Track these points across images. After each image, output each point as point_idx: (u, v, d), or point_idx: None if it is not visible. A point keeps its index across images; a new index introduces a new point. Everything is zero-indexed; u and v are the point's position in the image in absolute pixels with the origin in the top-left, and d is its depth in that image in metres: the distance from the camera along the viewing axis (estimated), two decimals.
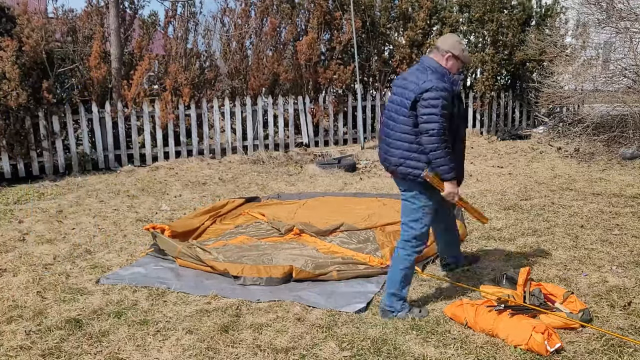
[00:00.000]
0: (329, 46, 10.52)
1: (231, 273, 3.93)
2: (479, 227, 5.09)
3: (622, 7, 8.52)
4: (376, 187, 7.18)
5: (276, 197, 6.45)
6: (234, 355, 2.93)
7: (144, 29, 9.65)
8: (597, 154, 8.59)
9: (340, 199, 6.32)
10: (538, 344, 2.79)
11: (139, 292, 3.78)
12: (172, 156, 9.14)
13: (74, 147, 8.49)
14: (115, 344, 3.06)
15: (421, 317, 3.25)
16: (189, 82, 9.18)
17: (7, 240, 5.03)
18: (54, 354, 2.98)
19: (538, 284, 3.39)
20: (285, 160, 9.08)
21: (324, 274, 3.93)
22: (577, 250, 4.42)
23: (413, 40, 10.65)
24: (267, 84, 10.04)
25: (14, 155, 7.92)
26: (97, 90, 8.72)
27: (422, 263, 4.16)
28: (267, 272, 3.90)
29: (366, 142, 10.43)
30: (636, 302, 3.42)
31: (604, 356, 2.82)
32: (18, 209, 6.20)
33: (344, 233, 4.94)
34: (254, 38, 10.18)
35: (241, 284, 3.85)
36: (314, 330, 3.16)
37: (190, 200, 6.57)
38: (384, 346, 2.97)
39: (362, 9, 10.52)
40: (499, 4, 10.96)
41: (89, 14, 9.27)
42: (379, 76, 11.07)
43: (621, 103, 8.90)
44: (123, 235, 5.17)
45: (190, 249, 4.29)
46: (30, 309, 3.54)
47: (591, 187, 6.63)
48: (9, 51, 7.44)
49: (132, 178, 7.88)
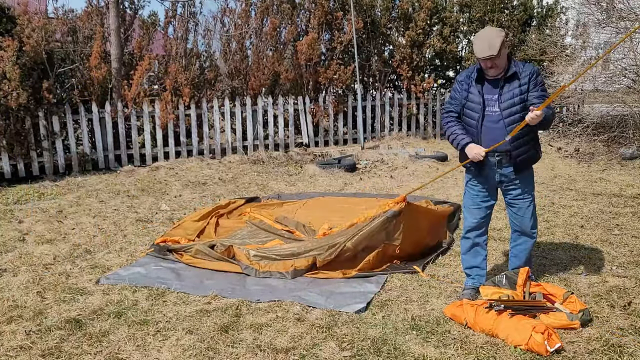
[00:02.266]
0: (329, 46, 10.52)
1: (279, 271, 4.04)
2: None
3: (622, 7, 8.52)
4: (376, 187, 7.18)
5: (276, 197, 6.46)
6: (234, 355, 2.93)
7: (144, 29, 9.65)
8: (597, 154, 8.59)
9: (340, 199, 6.32)
10: (538, 344, 2.79)
11: (139, 292, 3.78)
12: (172, 156, 9.14)
13: (74, 147, 8.49)
14: (115, 344, 3.06)
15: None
16: (189, 82, 9.18)
17: (7, 240, 5.03)
18: (53, 354, 2.98)
19: (538, 285, 3.39)
20: (285, 160, 9.08)
21: (341, 251, 4.00)
22: (577, 250, 4.42)
23: (414, 40, 10.65)
24: (267, 84, 10.05)
25: (14, 156, 7.92)
26: (97, 90, 8.72)
27: (422, 263, 4.16)
28: (291, 265, 4.03)
29: (366, 142, 10.43)
30: (636, 302, 3.42)
31: (604, 356, 2.82)
32: (18, 209, 6.20)
33: None
34: (254, 38, 10.19)
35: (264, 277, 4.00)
36: (313, 331, 3.16)
37: (190, 201, 6.57)
38: (384, 346, 2.97)
39: (363, 9, 10.53)
40: (500, 4, 10.96)
41: (89, 14, 9.28)
42: (379, 76, 11.07)
43: (621, 103, 8.91)
44: (123, 235, 5.17)
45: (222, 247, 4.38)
46: (30, 309, 3.54)
47: (591, 187, 6.63)
48: (9, 51, 7.43)
49: (132, 178, 7.87)
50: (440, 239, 4.71)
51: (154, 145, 9.14)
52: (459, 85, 3.50)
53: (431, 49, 11.08)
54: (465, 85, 3.46)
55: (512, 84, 3.31)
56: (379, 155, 9.21)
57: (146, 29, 9.65)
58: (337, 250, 4.01)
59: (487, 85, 3.38)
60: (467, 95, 3.44)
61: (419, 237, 4.43)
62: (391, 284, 3.84)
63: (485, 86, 3.39)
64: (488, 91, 3.38)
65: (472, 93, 3.41)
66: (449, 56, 11.33)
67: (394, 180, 7.64)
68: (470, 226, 3.63)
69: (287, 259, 4.14)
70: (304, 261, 4.04)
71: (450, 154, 9.49)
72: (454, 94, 3.54)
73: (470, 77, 3.44)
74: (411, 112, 11.02)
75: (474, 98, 3.41)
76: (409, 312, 3.38)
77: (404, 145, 10.17)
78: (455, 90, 3.52)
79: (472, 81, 3.42)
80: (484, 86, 3.39)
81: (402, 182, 7.43)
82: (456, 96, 3.51)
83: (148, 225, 5.52)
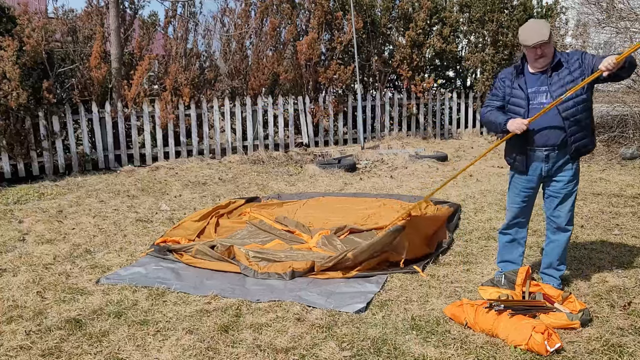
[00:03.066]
0: (329, 46, 10.52)
1: (277, 272, 4.00)
2: (479, 227, 5.10)
3: (622, 7, 8.52)
4: (376, 187, 7.18)
5: (276, 197, 6.45)
6: (234, 355, 2.93)
7: (144, 29, 9.65)
8: (597, 154, 8.59)
9: (340, 199, 6.32)
10: (538, 344, 2.79)
11: (139, 292, 3.78)
12: (172, 156, 9.14)
13: (74, 147, 8.49)
14: (115, 344, 3.06)
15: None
16: (189, 82, 9.18)
17: (7, 240, 5.03)
18: (53, 354, 2.98)
19: (537, 284, 3.39)
20: (285, 160, 9.08)
21: (340, 260, 3.98)
22: (577, 250, 4.42)
23: (414, 40, 10.65)
24: (267, 84, 10.05)
25: (14, 156, 7.91)
26: (97, 90, 8.72)
27: (422, 263, 4.16)
28: (289, 266, 4.01)
29: (366, 142, 10.43)
30: (636, 302, 3.42)
31: (604, 356, 2.82)
32: (18, 209, 6.20)
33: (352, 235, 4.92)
34: (254, 38, 10.19)
35: (263, 279, 3.96)
36: (313, 330, 3.16)
37: (190, 200, 6.57)
38: (383, 346, 2.97)
39: (363, 9, 10.53)
40: (500, 4, 10.96)
41: (89, 14, 9.28)
42: (379, 76, 11.07)
43: (621, 103, 8.91)
44: (123, 235, 5.17)
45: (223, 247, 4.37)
46: (30, 309, 3.54)
47: (591, 187, 6.63)
48: (9, 51, 7.44)
49: (132, 178, 7.87)
50: (440, 239, 4.71)
51: (153, 145, 9.14)
52: (500, 82, 3.53)
53: (431, 49, 11.08)
54: (507, 81, 3.49)
55: (560, 73, 3.31)
56: (379, 155, 9.21)
57: (146, 28, 9.66)
58: (337, 259, 4.01)
59: (531, 78, 3.39)
60: (510, 91, 3.45)
61: (423, 244, 4.43)
62: (391, 283, 3.84)
63: (529, 80, 3.39)
64: (532, 84, 3.38)
65: (516, 88, 3.43)
66: (448, 56, 11.33)
67: (394, 180, 7.64)
68: (511, 222, 3.68)
69: (286, 260, 4.15)
70: (302, 264, 4.04)
71: (450, 153, 9.49)
72: (494, 92, 3.57)
73: (512, 72, 3.47)
74: (411, 112, 11.02)
75: (518, 93, 3.41)
76: (409, 312, 3.38)
77: (404, 145, 10.17)
78: (496, 88, 3.56)
79: (513, 77, 3.45)
80: (527, 80, 3.40)
81: (402, 182, 7.43)
82: (497, 93, 3.54)
83: (148, 225, 5.52)
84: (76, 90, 8.63)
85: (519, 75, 3.44)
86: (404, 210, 5.59)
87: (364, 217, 5.43)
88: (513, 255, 3.73)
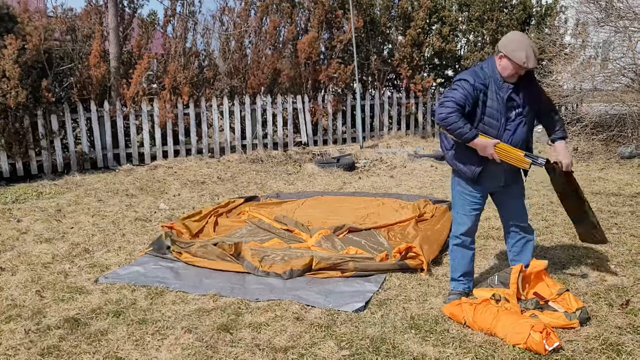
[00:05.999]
0: (329, 45, 10.52)
1: (276, 272, 4.00)
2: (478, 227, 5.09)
3: (621, 6, 8.52)
4: (375, 186, 7.18)
5: (275, 197, 6.45)
6: (233, 354, 2.93)
7: (143, 28, 9.63)
8: (595, 153, 8.59)
9: (339, 198, 6.32)
10: (536, 343, 2.79)
11: (138, 291, 3.78)
12: (170, 155, 9.14)
13: (72, 146, 8.48)
14: (114, 343, 3.06)
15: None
16: (187, 81, 9.17)
17: (6, 239, 5.03)
18: (52, 353, 2.98)
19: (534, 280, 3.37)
20: (284, 159, 9.08)
21: (340, 264, 3.98)
22: (576, 249, 4.42)
23: (414, 39, 10.65)
24: (266, 83, 10.04)
25: (13, 154, 7.90)
26: (96, 89, 8.71)
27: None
28: (288, 265, 4.00)
29: (365, 141, 10.43)
30: (634, 301, 3.43)
31: (602, 355, 2.83)
32: (16, 208, 6.19)
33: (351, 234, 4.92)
34: (253, 37, 10.18)
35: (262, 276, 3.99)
36: (312, 330, 3.17)
37: (189, 200, 6.57)
38: (382, 345, 2.98)
39: (362, 8, 10.53)
40: (499, 3, 10.96)
41: (88, 13, 9.26)
42: (378, 75, 11.07)
43: (620, 102, 8.91)
44: (122, 234, 5.17)
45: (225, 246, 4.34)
46: (29, 308, 3.54)
47: (590, 186, 6.63)
48: (11, 49, 7.42)
49: (131, 177, 7.87)
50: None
51: (152, 144, 9.13)
52: (473, 89, 3.18)
53: (430, 48, 11.08)
54: (479, 91, 3.20)
55: (527, 87, 3.30)
56: (378, 154, 9.21)
57: (145, 27, 9.63)
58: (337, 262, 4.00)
59: (503, 89, 3.23)
60: (485, 100, 3.21)
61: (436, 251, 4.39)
62: (390, 282, 3.84)
63: (503, 91, 3.23)
64: (504, 94, 3.23)
65: (492, 99, 3.21)
66: (448, 55, 11.32)
67: (393, 179, 7.64)
68: (467, 231, 3.46)
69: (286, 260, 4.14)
70: (301, 261, 4.03)
71: None
72: (465, 93, 3.16)
73: (485, 82, 3.21)
74: (410, 111, 11.02)
75: (493, 104, 3.21)
76: (407, 311, 3.38)
77: (403, 144, 10.17)
78: (467, 92, 3.17)
79: (487, 87, 3.21)
80: (500, 91, 3.23)
81: (401, 181, 7.43)
82: (465, 98, 3.16)
83: (147, 224, 5.52)
84: (75, 89, 8.61)
85: (494, 85, 3.21)
86: (403, 209, 5.61)
87: (363, 216, 5.43)
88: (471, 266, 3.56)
